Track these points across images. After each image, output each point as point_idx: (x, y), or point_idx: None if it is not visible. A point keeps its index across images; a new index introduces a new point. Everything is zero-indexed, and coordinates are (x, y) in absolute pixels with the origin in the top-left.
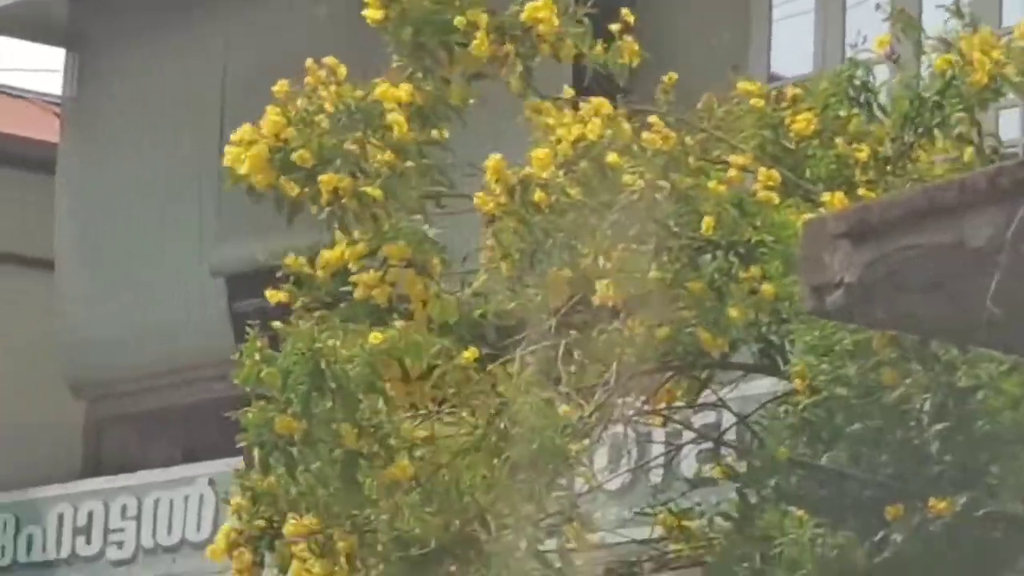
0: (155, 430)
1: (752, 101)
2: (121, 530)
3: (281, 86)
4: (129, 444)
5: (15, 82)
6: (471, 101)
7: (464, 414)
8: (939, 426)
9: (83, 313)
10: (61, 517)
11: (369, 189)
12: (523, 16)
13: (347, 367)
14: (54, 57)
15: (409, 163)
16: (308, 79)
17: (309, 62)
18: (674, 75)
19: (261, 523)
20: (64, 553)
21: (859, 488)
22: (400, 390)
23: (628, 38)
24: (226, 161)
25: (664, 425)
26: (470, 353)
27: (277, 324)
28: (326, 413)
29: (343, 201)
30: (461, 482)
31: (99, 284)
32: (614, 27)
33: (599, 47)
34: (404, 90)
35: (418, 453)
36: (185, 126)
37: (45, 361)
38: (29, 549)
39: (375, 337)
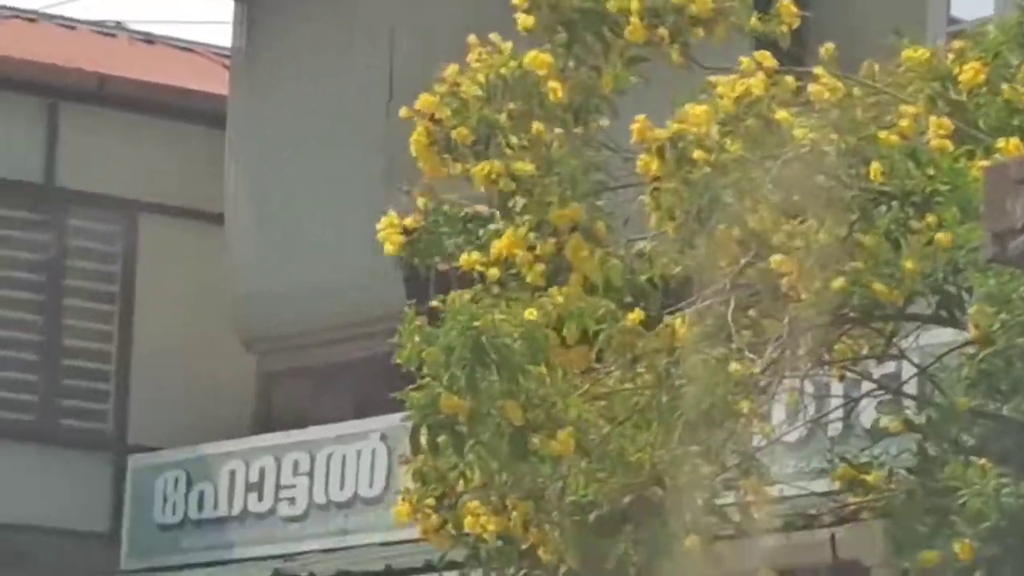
0: (326, 385)
1: (918, 53)
2: (293, 486)
3: (452, 71)
4: (300, 399)
5: (185, 34)
6: (631, 81)
7: (640, 369)
8: None
9: (253, 267)
10: (233, 473)
11: (520, 165)
12: None
13: (508, 341)
14: (224, 9)
15: (558, 131)
16: (470, 56)
17: (472, 38)
18: (831, 46)
19: (432, 501)
20: (236, 510)
21: None
22: (563, 359)
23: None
24: (379, 235)
25: (842, 378)
26: (635, 315)
27: (436, 303)
28: (491, 388)
29: (499, 186)
30: (634, 443)
31: (269, 238)
32: None
33: (754, 19)
34: (553, 87)
35: (589, 413)
36: (354, 79)
37: (216, 316)
38: (201, 506)
39: (530, 313)
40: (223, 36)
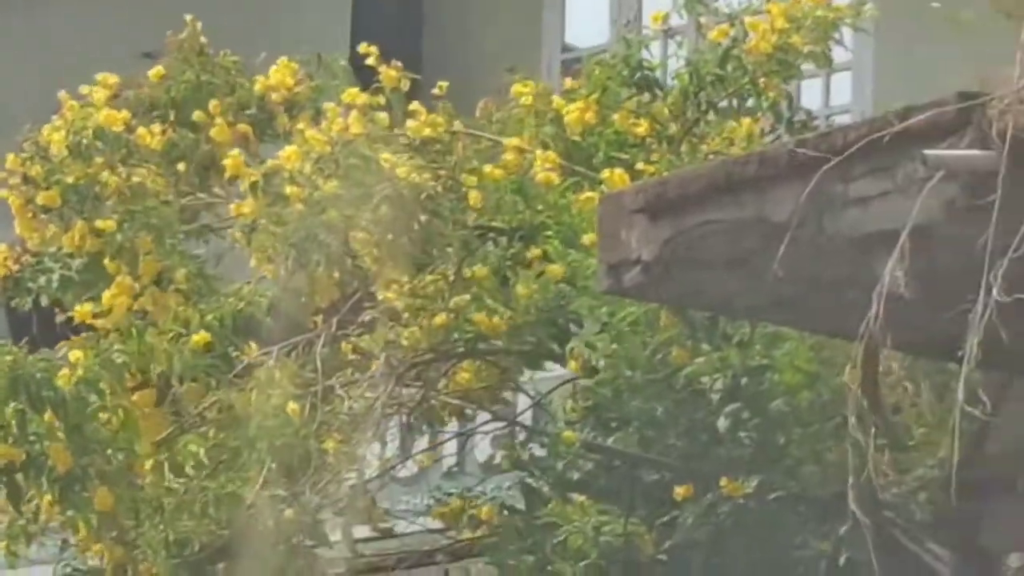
0: None
1: (523, 100)
2: None
3: (41, 131)
4: None
5: None
6: None
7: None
8: (730, 406)
9: None
10: None
11: (101, 223)
12: (257, 88)
13: (58, 384)
14: None
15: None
16: (58, 114)
17: (62, 93)
18: (443, 84)
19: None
20: None
21: (649, 472)
22: (131, 401)
23: (386, 66)
24: None
25: (455, 413)
26: (200, 337)
27: None
28: (51, 435)
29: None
30: (214, 491)
31: None
32: (369, 62)
33: (355, 93)
34: (141, 134)
35: (169, 454)
36: None
37: None
38: None
39: (74, 355)
40: None
